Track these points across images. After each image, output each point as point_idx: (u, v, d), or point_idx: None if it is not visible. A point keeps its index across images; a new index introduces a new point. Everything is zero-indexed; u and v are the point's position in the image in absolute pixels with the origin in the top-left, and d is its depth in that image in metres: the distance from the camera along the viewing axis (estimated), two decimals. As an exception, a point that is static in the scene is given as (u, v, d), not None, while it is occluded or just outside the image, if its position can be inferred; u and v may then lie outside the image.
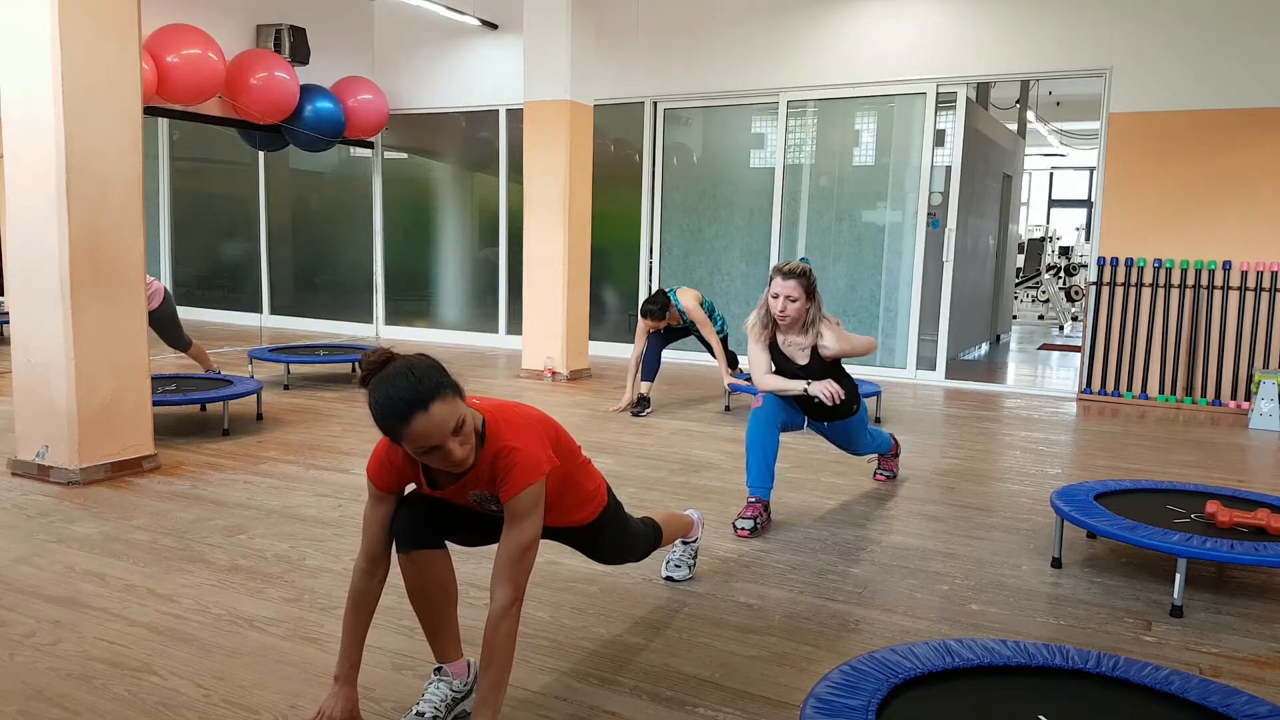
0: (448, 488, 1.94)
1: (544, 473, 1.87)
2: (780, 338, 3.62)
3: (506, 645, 1.83)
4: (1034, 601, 2.89)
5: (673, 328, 5.93)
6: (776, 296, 3.49)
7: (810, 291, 3.51)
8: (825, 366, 3.58)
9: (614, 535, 2.36)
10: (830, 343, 3.54)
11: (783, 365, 3.63)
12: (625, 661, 2.40)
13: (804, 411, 3.70)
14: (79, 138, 3.80)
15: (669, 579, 2.95)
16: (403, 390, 1.71)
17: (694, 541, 2.98)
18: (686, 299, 5.78)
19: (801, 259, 3.65)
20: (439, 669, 2.09)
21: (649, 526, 2.58)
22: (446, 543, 2.08)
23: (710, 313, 5.85)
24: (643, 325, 5.85)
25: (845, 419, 3.72)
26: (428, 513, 2.02)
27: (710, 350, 6.07)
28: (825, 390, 3.46)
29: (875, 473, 4.33)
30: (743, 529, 3.44)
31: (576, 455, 2.16)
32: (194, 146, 11.10)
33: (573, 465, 2.12)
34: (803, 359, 3.59)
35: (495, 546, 1.95)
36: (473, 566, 3.01)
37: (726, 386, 5.89)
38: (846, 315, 7.69)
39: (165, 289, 5.74)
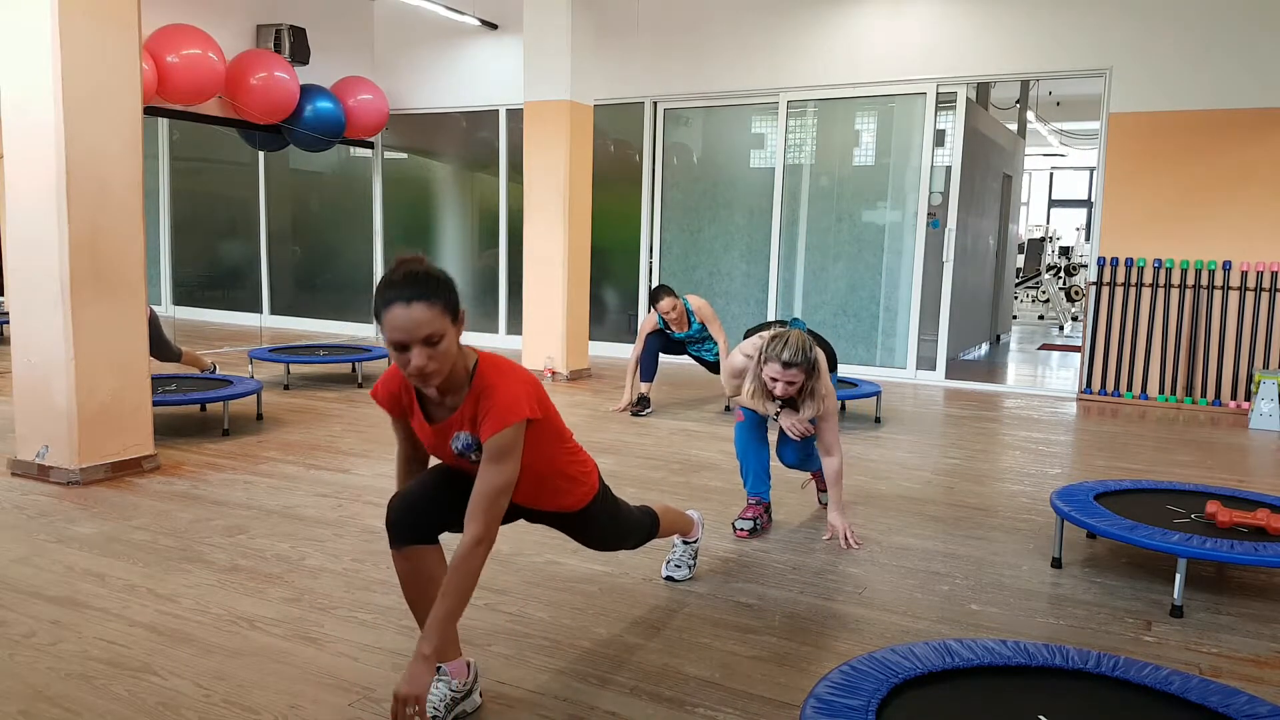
0: (438, 424, 1.98)
1: (523, 415, 1.89)
2: (765, 405, 3.41)
3: (467, 581, 1.87)
4: (1034, 601, 2.89)
5: (673, 336, 5.91)
6: (775, 380, 3.21)
7: (810, 371, 3.23)
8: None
9: (606, 522, 2.37)
10: (827, 421, 3.34)
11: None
12: (625, 661, 2.40)
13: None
14: (79, 138, 3.80)
15: (669, 579, 2.95)
16: (401, 279, 1.82)
17: (694, 541, 2.98)
18: (695, 300, 5.81)
19: (794, 321, 3.47)
20: (437, 668, 2.09)
21: (646, 515, 2.59)
22: (441, 540, 2.09)
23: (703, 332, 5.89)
24: (644, 325, 5.85)
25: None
26: (421, 505, 2.03)
27: (703, 363, 6.06)
28: (792, 427, 3.36)
29: (824, 502, 3.92)
30: (742, 529, 3.44)
31: (566, 437, 2.17)
32: (194, 146, 11.09)
33: (560, 446, 2.14)
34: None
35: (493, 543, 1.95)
36: (473, 566, 3.01)
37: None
38: (846, 315, 7.70)
39: (150, 308, 5.70)
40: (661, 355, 6.00)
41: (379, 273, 9.72)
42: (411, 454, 2.19)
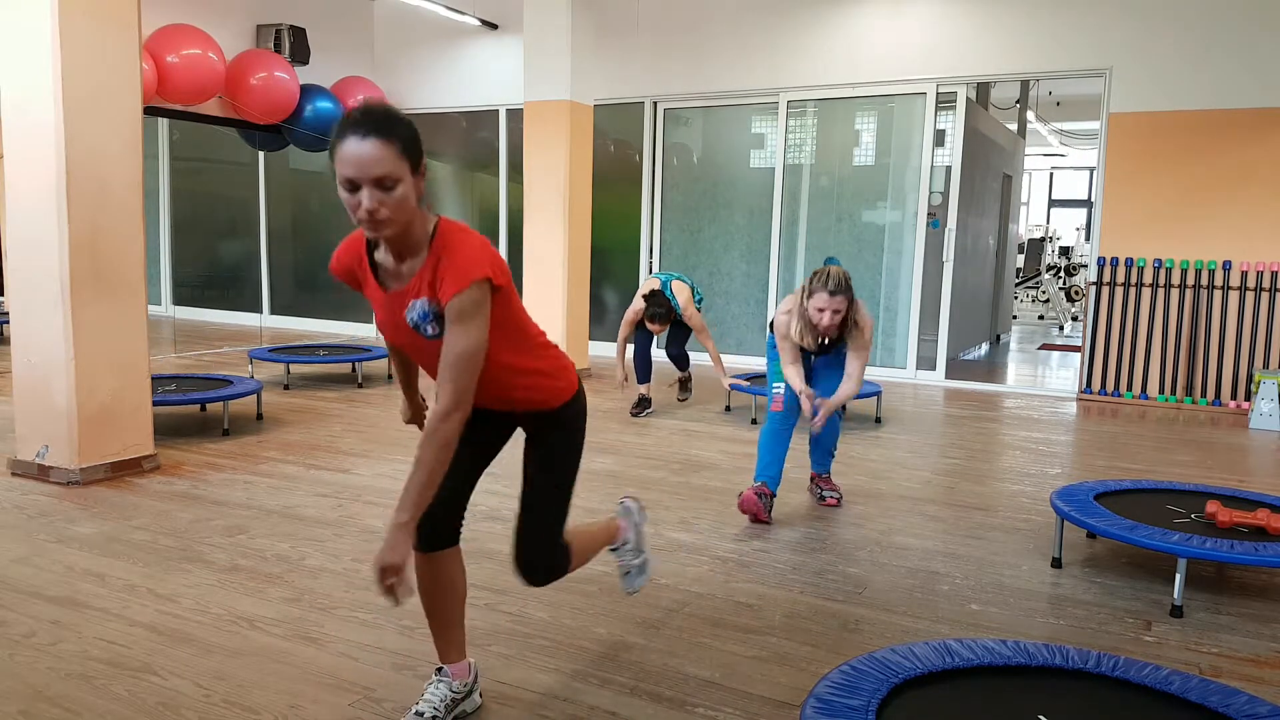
0: (392, 292, 1.86)
1: (485, 274, 1.76)
2: (806, 341, 3.62)
3: (441, 453, 1.76)
4: (1034, 601, 2.89)
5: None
6: (822, 310, 3.45)
7: (852, 297, 3.51)
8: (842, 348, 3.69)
9: (565, 452, 2.08)
10: (864, 342, 3.58)
11: (806, 356, 3.74)
12: (625, 661, 2.40)
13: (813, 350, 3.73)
14: (79, 138, 3.80)
15: (631, 593, 2.59)
16: (364, 112, 1.71)
17: (623, 544, 2.49)
18: (682, 297, 5.67)
19: (830, 259, 3.64)
20: (440, 669, 2.09)
21: (565, 544, 2.14)
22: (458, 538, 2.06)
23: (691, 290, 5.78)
24: (630, 313, 5.69)
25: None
26: (448, 507, 2.00)
27: (675, 323, 5.91)
28: (810, 411, 3.57)
29: (824, 497, 3.94)
30: (750, 489, 3.57)
31: (530, 330, 2.01)
32: (194, 146, 11.09)
33: (523, 335, 1.97)
34: (831, 351, 3.69)
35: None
36: (474, 568, 3.01)
37: (727, 388, 5.88)
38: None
39: None
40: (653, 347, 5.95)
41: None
42: None
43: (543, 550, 2.08)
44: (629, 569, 2.52)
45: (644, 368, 5.88)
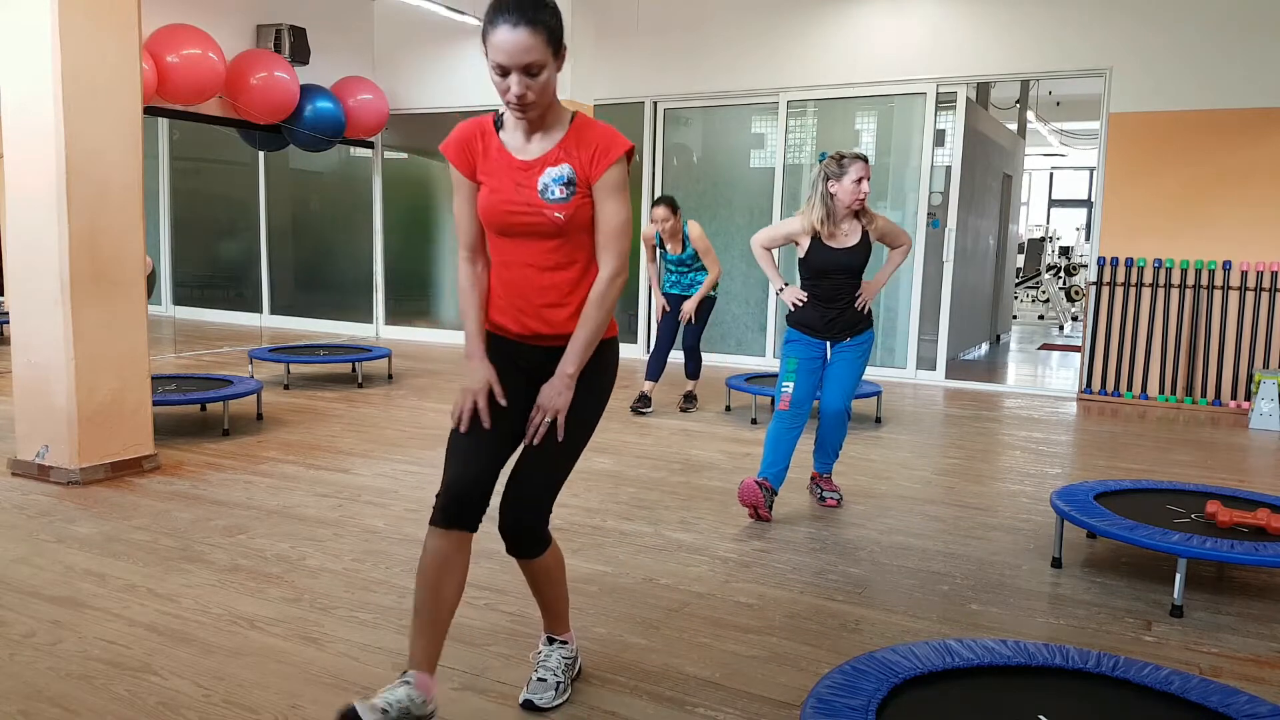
0: (523, 160, 1.96)
1: (629, 145, 1.95)
2: (831, 230, 3.68)
3: (606, 314, 1.97)
4: (1034, 601, 2.89)
5: (667, 257, 5.93)
6: (860, 180, 3.60)
7: None
8: (864, 256, 3.77)
9: (580, 414, 2.01)
10: (884, 224, 3.82)
11: (828, 258, 3.70)
12: (625, 661, 2.40)
13: (825, 333, 3.73)
14: (79, 138, 3.80)
15: (527, 703, 2.14)
16: (518, 1, 1.83)
17: (566, 643, 2.25)
18: (695, 229, 5.78)
19: (823, 155, 3.75)
20: (405, 674, 1.96)
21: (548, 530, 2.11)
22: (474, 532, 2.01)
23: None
24: (645, 231, 5.89)
25: (859, 335, 3.79)
26: (484, 490, 1.96)
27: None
28: (791, 297, 3.74)
29: (824, 498, 3.91)
30: (755, 479, 3.61)
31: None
32: (194, 146, 11.08)
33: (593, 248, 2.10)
34: (853, 240, 3.73)
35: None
36: (474, 568, 3.00)
37: (682, 314, 5.80)
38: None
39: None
40: (665, 343, 5.98)
41: (379, 272, 9.73)
42: (478, 240, 2.10)
43: (528, 509, 2.01)
44: (547, 674, 2.17)
45: (657, 366, 5.90)
